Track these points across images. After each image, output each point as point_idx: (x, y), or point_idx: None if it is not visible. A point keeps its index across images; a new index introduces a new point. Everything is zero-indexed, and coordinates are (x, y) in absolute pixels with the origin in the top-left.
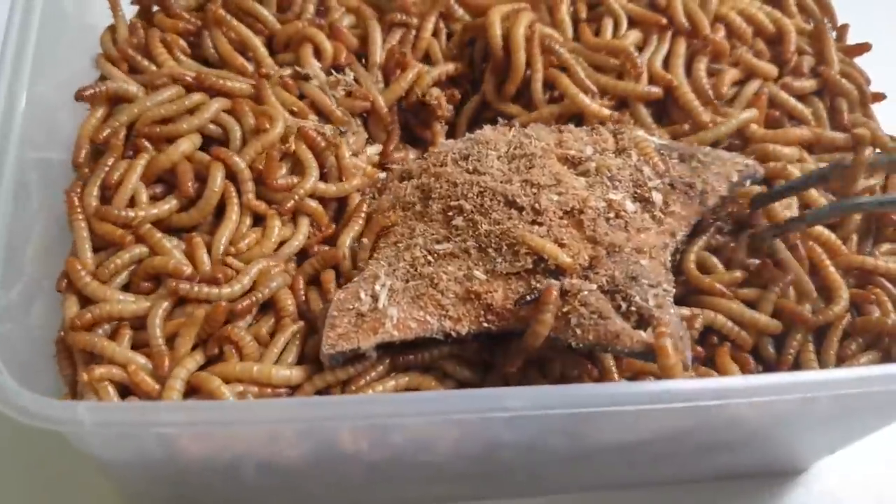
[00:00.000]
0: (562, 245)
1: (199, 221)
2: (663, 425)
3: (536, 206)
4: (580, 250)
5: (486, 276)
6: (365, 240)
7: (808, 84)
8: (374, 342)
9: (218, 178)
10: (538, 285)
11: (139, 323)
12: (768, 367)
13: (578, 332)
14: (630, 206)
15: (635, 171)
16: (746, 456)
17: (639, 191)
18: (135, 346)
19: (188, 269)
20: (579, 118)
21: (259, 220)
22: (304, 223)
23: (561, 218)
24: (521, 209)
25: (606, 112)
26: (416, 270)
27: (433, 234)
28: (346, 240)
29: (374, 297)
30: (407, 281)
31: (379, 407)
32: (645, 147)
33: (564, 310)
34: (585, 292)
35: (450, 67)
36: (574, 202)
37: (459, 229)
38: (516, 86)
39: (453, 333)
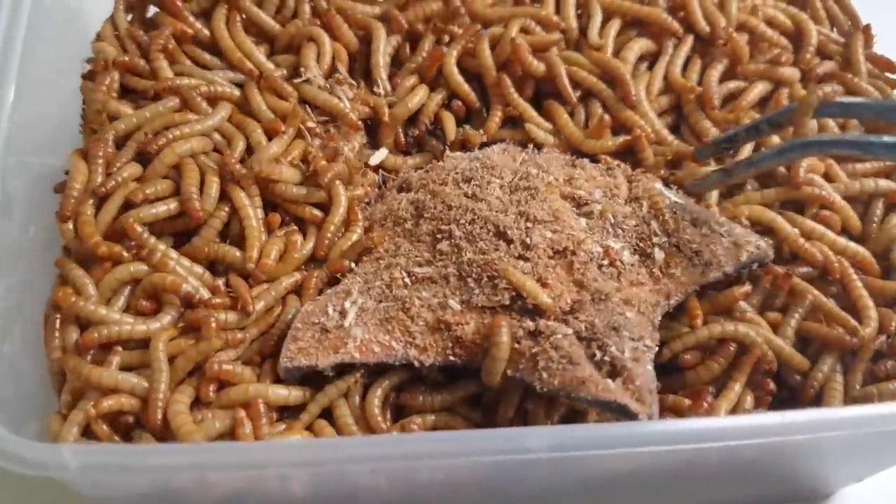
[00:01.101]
0: (545, 285)
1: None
2: (687, 459)
3: (527, 240)
4: (563, 292)
5: (461, 306)
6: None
7: (832, 91)
8: (333, 361)
9: (213, 192)
10: (513, 322)
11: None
12: (787, 388)
13: (545, 375)
14: (627, 256)
15: (642, 223)
16: (770, 483)
17: (641, 244)
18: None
19: (198, 295)
20: None
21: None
22: (313, 232)
23: (550, 257)
24: (509, 241)
25: (609, 145)
26: (390, 291)
27: (417, 256)
28: (344, 245)
29: (342, 314)
30: (379, 301)
31: (394, 448)
32: (657, 201)
33: (534, 351)
34: (559, 335)
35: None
36: (567, 242)
37: (443, 254)
38: (499, 118)
39: (416, 363)
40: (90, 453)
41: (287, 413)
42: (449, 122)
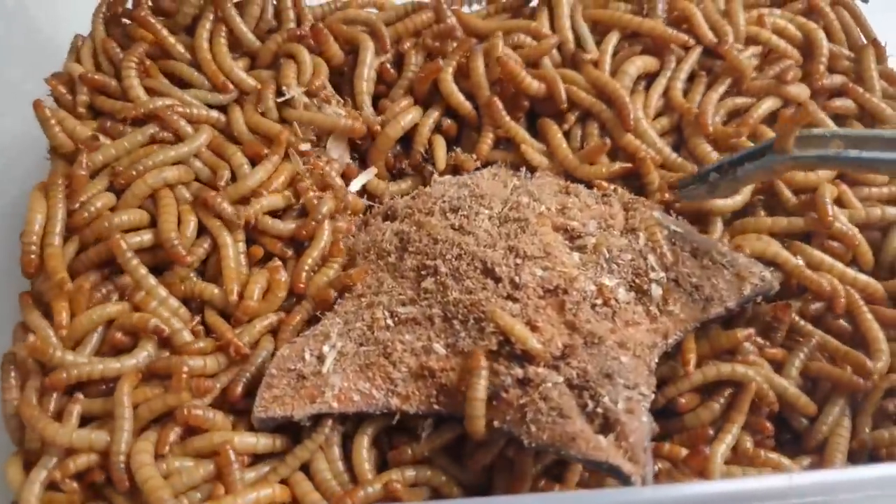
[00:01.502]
0: (534, 328)
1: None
2: None
3: (516, 279)
4: (554, 336)
5: (446, 350)
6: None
7: (843, 104)
8: (310, 412)
9: (190, 231)
10: (501, 369)
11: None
12: (790, 431)
13: (533, 428)
14: (623, 294)
15: (638, 257)
16: None
17: (637, 280)
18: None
19: (169, 331)
20: None
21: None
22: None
23: (540, 297)
24: (498, 280)
25: (604, 171)
26: (372, 333)
27: (400, 294)
28: (320, 282)
29: (320, 359)
30: (360, 344)
31: None
32: (655, 233)
33: (522, 402)
34: (549, 384)
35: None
36: (559, 280)
37: (428, 292)
38: (491, 140)
39: (398, 413)
40: None
41: (263, 458)
42: (440, 150)
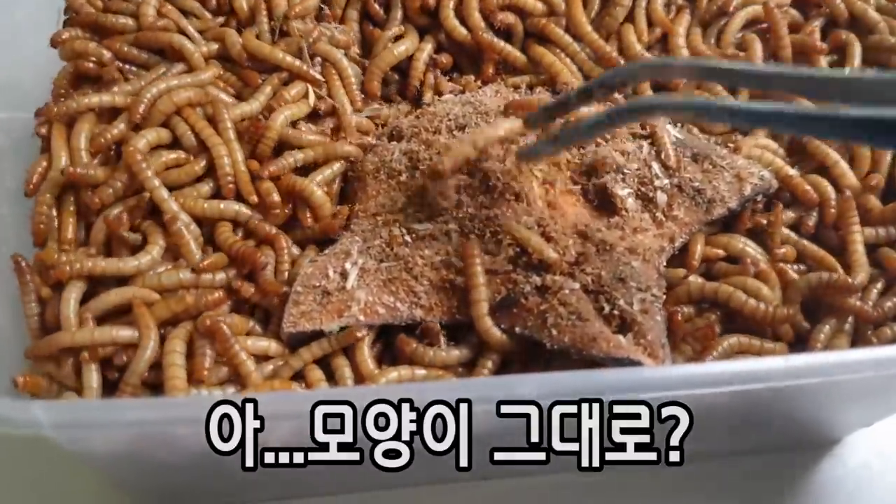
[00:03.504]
0: (549, 238)
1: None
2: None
3: (528, 192)
4: (568, 245)
5: None
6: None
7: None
8: (338, 325)
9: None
10: (519, 279)
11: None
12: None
13: (554, 332)
14: (631, 203)
15: (644, 166)
16: (777, 430)
17: (643, 188)
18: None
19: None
20: None
21: None
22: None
23: (553, 208)
24: (511, 194)
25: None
26: (391, 250)
27: (416, 212)
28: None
29: (344, 275)
30: (380, 261)
31: (370, 396)
32: (661, 137)
33: (542, 308)
34: (567, 291)
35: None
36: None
37: (444, 209)
38: (494, 64)
39: (422, 323)
40: (61, 410)
41: None
42: (428, 90)
